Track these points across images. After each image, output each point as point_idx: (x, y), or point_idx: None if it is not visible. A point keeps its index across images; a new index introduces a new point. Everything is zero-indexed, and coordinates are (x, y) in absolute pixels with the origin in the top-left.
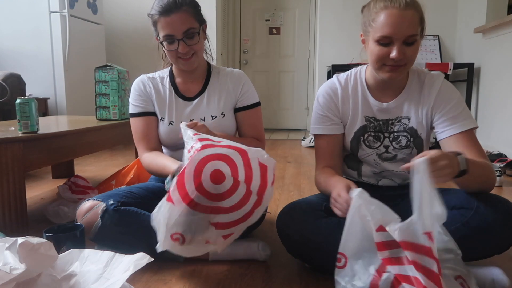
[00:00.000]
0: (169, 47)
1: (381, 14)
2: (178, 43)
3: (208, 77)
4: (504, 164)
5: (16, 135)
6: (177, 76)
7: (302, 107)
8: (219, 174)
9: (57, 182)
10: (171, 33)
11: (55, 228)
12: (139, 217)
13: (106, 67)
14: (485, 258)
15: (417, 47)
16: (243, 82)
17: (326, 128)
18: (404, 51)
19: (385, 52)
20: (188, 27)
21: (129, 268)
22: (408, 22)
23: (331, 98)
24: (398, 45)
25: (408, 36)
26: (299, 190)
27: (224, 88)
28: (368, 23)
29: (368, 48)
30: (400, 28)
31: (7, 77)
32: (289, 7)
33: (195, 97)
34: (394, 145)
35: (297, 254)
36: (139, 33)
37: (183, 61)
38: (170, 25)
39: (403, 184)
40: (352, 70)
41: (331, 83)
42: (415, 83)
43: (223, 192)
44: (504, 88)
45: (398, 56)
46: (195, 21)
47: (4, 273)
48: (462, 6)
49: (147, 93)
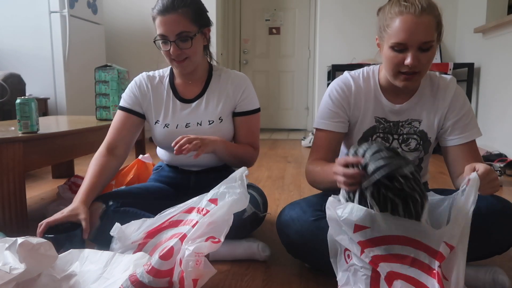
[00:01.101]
0: (163, 47)
1: (396, 20)
2: (170, 45)
3: (208, 79)
4: (504, 164)
5: (16, 135)
6: (177, 77)
7: (302, 107)
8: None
9: (57, 182)
10: (164, 33)
11: (54, 227)
12: (138, 217)
13: (106, 67)
14: (485, 258)
15: (433, 53)
16: (244, 87)
17: (332, 124)
18: (419, 58)
19: (400, 59)
20: (181, 30)
21: (128, 268)
22: (424, 29)
23: (344, 94)
24: (413, 52)
25: (423, 42)
26: (299, 190)
27: (224, 92)
28: (383, 28)
29: (383, 53)
30: (415, 35)
31: (7, 77)
32: (289, 7)
33: (193, 99)
34: (403, 147)
35: (297, 254)
36: (139, 33)
37: (176, 63)
38: (164, 25)
39: None
40: (365, 68)
41: (345, 78)
42: (428, 86)
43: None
44: (504, 88)
45: (412, 63)
46: (192, 24)
47: (4, 273)
48: (462, 6)
49: (142, 94)
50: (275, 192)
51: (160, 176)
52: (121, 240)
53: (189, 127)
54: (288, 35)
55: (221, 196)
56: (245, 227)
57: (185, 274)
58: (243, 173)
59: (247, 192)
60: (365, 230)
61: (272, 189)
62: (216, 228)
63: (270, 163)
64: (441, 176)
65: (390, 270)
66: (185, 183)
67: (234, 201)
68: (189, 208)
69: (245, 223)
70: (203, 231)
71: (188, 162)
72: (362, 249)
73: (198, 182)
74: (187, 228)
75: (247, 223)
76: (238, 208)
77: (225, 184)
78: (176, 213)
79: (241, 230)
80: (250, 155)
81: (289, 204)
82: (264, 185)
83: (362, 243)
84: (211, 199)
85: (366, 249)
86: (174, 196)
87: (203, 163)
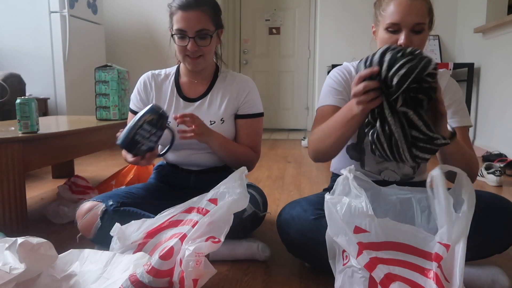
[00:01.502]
0: (179, 42)
1: (391, 4)
2: (189, 41)
3: (214, 80)
4: (504, 164)
5: (16, 135)
6: (183, 75)
7: (302, 107)
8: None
9: (57, 182)
10: (184, 28)
11: None
12: (138, 217)
13: (106, 67)
14: (485, 258)
15: (425, 37)
16: (249, 90)
17: (335, 99)
18: (411, 39)
19: (393, 40)
20: (202, 27)
21: (128, 268)
22: (417, 10)
23: (345, 76)
24: (406, 32)
25: (416, 23)
26: (299, 190)
27: (227, 93)
28: (379, 13)
29: (378, 37)
30: (409, 15)
31: (7, 77)
32: (289, 7)
33: (197, 99)
34: None
35: (297, 253)
36: (139, 33)
37: (189, 59)
38: (185, 20)
39: (404, 180)
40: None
41: (345, 65)
42: None
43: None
44: (504, 88)
45: (405, 43)
46: (211, 23)
47: (4, 273)
48: (462, 6)
49: (146, 93)
50: (275, 192)
51: (161, 175)
52: (121, 240)
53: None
54: (288, 35)
55: (221, 196)
56: (245, 227)
57: (185, 274)
58: (243, 173)
59: (247, 191)
60: (365, 234)
61: (272, 189)
62: (216, 228)
63: (270, 163)
64: None
65: (388, 272)
66: (185, 183)
67: (234, 201)
68: (189, 208)
69: (245, 222)
70: (203, 231)
71: (188, 162)
72: (361, 249)
73: (198, 182)
74: (187, 228)
75: (247, 223)
76: (238, 208)
77: (224, 184)
78: (176, 213)
79: (241, 230)
80: (250, 158)
81: (289, 203)
82: (264, 185)
83: (361, 244)
84: (211, 199)
85: (365, 250)
86: (174, 196)
87: (203, 163)
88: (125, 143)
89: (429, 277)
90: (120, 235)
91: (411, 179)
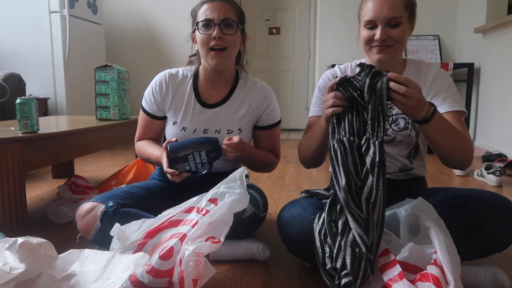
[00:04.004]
0: (203, 31)
1: (368, 2)
2: (214, 28)
3: (234, 86)
4: (504, 164)
5: (16, 135)
6: (202, 79)
7: (302, 107)
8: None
9: (57, 182)
10: (209, 17)
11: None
12: (138, 218)
13: (106, 67)
14: (485, 257)
15: (403, 30)
16: (269, 100)
17: (319, 109)
18: (388, 33)
19: (371, 35)
20: (228, 16)
21: (128, 268)
22: (389, 6)
23: (330, 81)
24: (381, 27)
25: (390, 18)
26: (299, 190)
27: (247, 102)
28: (360, 13)
29: (360, 35)
30: (381, 12)
31: (7, 77)
32: (289, 7)
33: (215, 105)
34: (393, 128)
35: (297, 253)
36: (139, 33)
37: (213, 53)
38: (211, 9)
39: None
40: (353, 61)
41: (332, 70)
42: (413, 70)
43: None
44: (504, 88)
45: (381, 37)
46: (236, 17)
47: (4, 273)
48: (462, 6)
49: (162, 95)
50: (275, 192)
51: (163, 173)
52: (121, 240)
53: (207, 133)
54: (288, 35)
55: (221, 196)
56: (245, 227)
57: (185, 274)
58: (243, 173)
59: (247, 192)
60: None
61: (272, 189)
62: (216, 228)
63: None
64: (441, 176)
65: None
66: (191, 184)
67: (234, 201)
68: (189, 208)
69: (245, 223)
70: (203, 231)
71: None
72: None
73: (204, 184)
74: (187, 228)
75: (247, 223)
76: (238, 208)
77: (224, 184)
78: (175, 213)
79: (241, 230)
80: (272, 162)
81: (289, 202)
82: (264, 185)
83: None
84: (210, 199)
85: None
86: (174, 195)
87: (214, 167)
88: (176, 157)
89: (428, 279)
90: (120, 235)
91: (410, 170)
